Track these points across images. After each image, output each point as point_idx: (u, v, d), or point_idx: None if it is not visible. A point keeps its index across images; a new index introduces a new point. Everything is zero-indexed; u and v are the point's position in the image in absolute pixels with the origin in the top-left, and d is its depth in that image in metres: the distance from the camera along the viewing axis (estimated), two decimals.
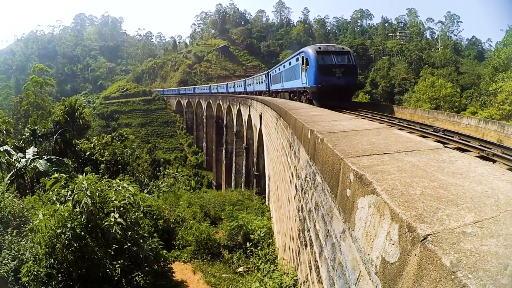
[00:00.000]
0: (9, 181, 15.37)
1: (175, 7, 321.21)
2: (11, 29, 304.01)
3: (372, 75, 74.93)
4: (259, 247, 9.98)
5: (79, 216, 7.01)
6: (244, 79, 41.03)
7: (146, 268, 8.41)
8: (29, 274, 6.70)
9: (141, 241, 8.15)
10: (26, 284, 6.71)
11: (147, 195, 15.97)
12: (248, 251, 10.38)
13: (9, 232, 8.67)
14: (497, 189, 1.75)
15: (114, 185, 7.87)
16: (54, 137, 24.38)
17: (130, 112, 73.57)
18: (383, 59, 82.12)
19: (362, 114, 11.75)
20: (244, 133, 34.08)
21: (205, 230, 12.36)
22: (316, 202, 3.71)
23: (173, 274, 10.08)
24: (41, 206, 10.58)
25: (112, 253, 7.61)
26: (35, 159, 16.55)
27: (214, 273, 10.56)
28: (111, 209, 7.35)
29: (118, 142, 28.44)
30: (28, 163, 16.15)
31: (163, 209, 13.84)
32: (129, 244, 7.77)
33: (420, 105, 42.30)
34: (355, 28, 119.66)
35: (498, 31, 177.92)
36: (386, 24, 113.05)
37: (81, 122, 29.56)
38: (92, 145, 26.62)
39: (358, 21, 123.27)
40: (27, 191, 16.30)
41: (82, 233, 6.96)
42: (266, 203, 16.32)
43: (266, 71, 27.59)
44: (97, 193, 7.29)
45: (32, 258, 7.26)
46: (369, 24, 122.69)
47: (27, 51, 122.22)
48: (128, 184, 7.93)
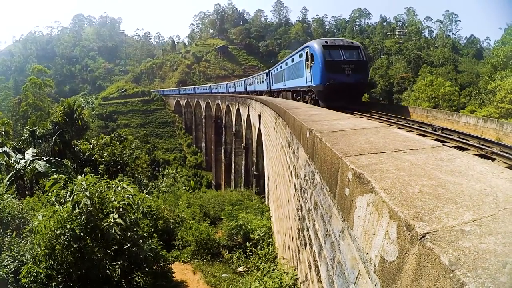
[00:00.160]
0: (8, 183, 15.35)
1: (173, 7, 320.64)
2: (9, 30, 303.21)
3: (371, 74, 74.99)
4: (259, 247, 10.00)
5: (78, 217, 7.00)
6: (244, 79, 40.62)
7: (146, 269, 8.41)
8: (29, 275, 6.71)
9: (141, 241, 8.13)
10: (26, 286, 6.71)
11: (146, 195, 15.91)
12: (247, 251, 10.38)
13: (8, 234, 8.67)
14: (495, 187, 1.75)
15: (113, 185, 7.87)
16: (53, 138, 24.30)
17: (129, 112, 73.39)
18: (381, 58, 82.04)
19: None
20: (243, 133, 34.08)
21: (205, 230, 12.37)
22: (315, 201, 3.71)
23: (173, 274, 10.06)
24: (40, 207, 10.57)
25: (112, 253, 7.59)
26: (34, 160, 16.52)
27: (214, 273, 10.56)
28: (111, 209, 7.33)
29: (117, 143, 28.40)
30: (27, 164, 16.13)
31: (163, 209, 13.84)
32: (128, 245, 7.76)
33: (419, 103, 42.31)
34: (354, 27, 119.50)
35: (497, 30, 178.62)
36: (384, 23, 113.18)
37: (80, 123, 29.43)
38: (91, 146, 26.56)
39: (357, 20, 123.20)
40: (27, 192, 16.27)
41: (82, 234, 6.95)
42: (266, 202, 16.34)
43: (267, 70, 26.25)
44: (96, 194, 7.27)
45: (31, 259, 7.26)
46: (367, 23, 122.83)
47: (26, 52, 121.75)
48: (128, 185, 7.92)
